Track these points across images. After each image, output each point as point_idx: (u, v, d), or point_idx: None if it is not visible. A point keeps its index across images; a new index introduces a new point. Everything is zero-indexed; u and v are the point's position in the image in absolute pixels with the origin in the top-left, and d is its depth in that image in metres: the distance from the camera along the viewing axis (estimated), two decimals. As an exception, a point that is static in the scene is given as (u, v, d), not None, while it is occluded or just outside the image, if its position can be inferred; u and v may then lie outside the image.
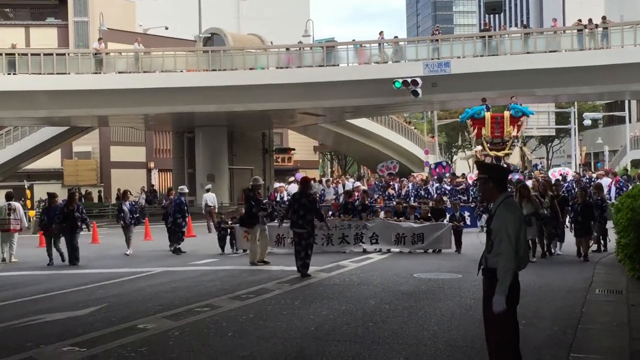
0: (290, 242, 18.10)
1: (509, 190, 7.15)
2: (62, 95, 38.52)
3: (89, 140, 58.03)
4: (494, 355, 6.51)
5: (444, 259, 18.83)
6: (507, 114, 33.64)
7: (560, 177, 31.48)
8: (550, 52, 37.88)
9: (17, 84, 38.06)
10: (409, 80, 36.20)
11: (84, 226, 20.64)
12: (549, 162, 76.35)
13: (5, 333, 10.16)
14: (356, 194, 25.58)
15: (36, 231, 26.63)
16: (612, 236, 17.46)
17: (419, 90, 36.17)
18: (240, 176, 48.84)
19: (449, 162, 36.59)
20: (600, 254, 18.91)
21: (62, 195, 52.12)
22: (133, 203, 24.31)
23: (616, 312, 10.91)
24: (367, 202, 22.78)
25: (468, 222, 25.87)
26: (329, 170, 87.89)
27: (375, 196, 30.17)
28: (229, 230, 21.90)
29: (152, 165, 64.64)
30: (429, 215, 21.08)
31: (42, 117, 42.97)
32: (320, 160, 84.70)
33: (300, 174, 36.86)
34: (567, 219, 19.87)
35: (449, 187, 30.03)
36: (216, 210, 31.79)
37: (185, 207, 22.87)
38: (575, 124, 61.68)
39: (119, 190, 55.75)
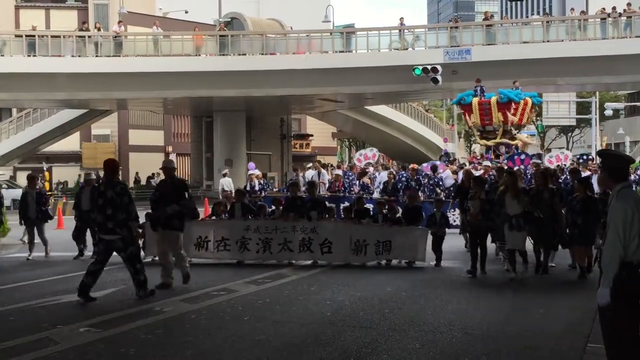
0: (216, 245, 15.31)
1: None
2: (82, 78, 38.60)
3: (108, 124, 58.19)
4: (606, 347, 6.26)
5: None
6: (494, 99, 29.56)
7: (561, 164, 28.44)
8: (573, 40, 37.57)
9: (36, 66, 38.16)
10: (429, 67, 36.04)
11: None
12: (569, 151, 75.78)
13: (22, 313, 10.20)
14: (337, 184, 23.67)
15: (56, 213, 26.59)
16: None
17: (439, 78, 36.01)
18: (258, 161, 48.84)
19: (449, 154, 32.86)
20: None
21: (80, 178, 52.35)
22: (42, 192, 18.42)
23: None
24: (317, 196, 17.89)
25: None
26: (347, 157, 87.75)
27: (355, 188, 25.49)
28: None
29: (170, 149, 64.73)
30: (399, 216, 15.93)
31: (62, 100, 43.12)
32: (339, 147, 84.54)
33: (252, 164, 32.18)
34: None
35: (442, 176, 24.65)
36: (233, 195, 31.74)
37: None
38: (596, 114, 61.16)
39: (136, 173, 56.10)
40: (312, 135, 67.42)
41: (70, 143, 58.05)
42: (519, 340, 8.63)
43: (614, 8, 37.73)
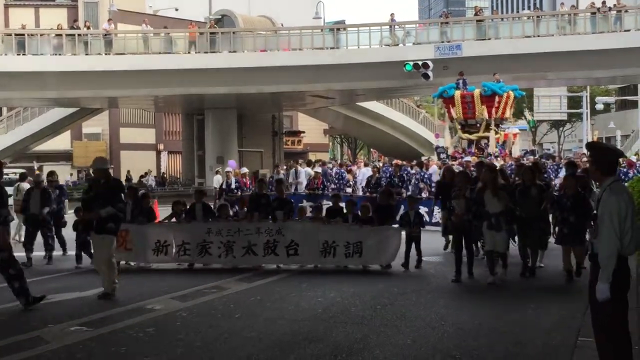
0: (177, 250, 14.33)
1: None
2: (72, 77, 38.47)
3: (99, 122, 58.08)
4: (601, 341, 6.22)
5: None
6: (477, 92, 28.81)
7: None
8: (563, 35, 37.65)
9: (26, 65, 38.03)
10: (420, 63, 36.06)
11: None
12: (561, 146, 75.98)
13: (13, 312, 10.16)
14: (316, 181, 23.14)
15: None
16: None
17: (430, 73, 36.03)
18: (250, 158, 48.80)
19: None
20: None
21: (71, 177, 52.26)
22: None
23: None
24: (285, 195, 16.72)
25: (427, 218, 18.94)
26: (339, 153, 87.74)
27: (332, 186, 25.55)
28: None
29: (161, 147, 64.69)
30: (370, 215, 14.34)
31: (52, 98, 42.97)
32: (331, 144, 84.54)
33: (233, 162, 31.84)
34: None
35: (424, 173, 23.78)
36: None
37: None
38: (587, 108, 61.24)
39: (128, 172, 55.99)
40: (303, 132, 67.44)
41: (61, 142, 57.89)
42: (510, 335, 8.63)
43: (603, 2, 37.83)
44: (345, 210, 14.69)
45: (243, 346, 8.17)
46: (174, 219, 15.20)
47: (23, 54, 38.85)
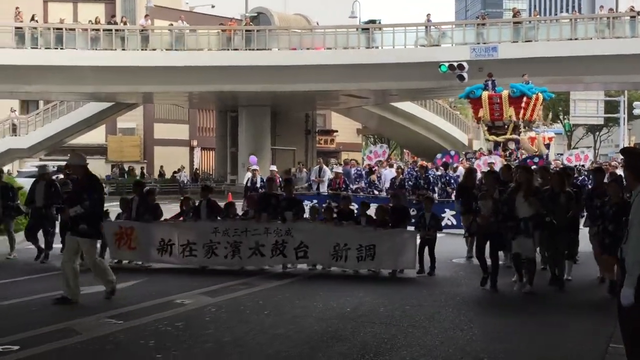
0: (181, 250, 13.80)
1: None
2: (108, 71, 38.81)
3: (133, 117, 58.48)
4: (629, 347, 6.15)
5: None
6: (505, 93, 28.30)
7: (578, 164, 27.44)
8: (602, 38, 37.23)
9: (64, 59, 38.41)
10: (455, 64, 35.91)
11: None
12: (597, 151, 75.22)
13: (45, 303, 10.28)
14: (338, 181, 22.58)
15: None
16: None
17: (465, 75, 35.83)
18: (283, 156, 48.88)
19: (459, 152, 31.67)
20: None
21: (105, 171, 52.91)
22: (9, 186, 16.14)
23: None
24: (295, 194, 16.04)
25: (454, 221, 18.77)
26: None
27: (355, 186, 25.02)
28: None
29: (195, 143, 64.95)
30: (386, 217, 13.60)
31: (88, 93, 43.39)
32: (363, 144, 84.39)
33: (254, 158, 30.93)
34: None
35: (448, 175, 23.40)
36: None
37: None
38: (624, 113, 60.55)
39: (161, 167, 56.45)
40: (336, 131, 67.34)
41: (96, 136, 58.41)
42: (539, 340, 8.56)
43: (643, 6, 37.39)
44: (357, 213, 14.10)
45: (271, 343, 8.20)
46: (181, 218, 14.74)
47: (61, 48, 39.29)
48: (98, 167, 55.01)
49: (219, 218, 14.36)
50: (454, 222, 18.60)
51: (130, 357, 7.77)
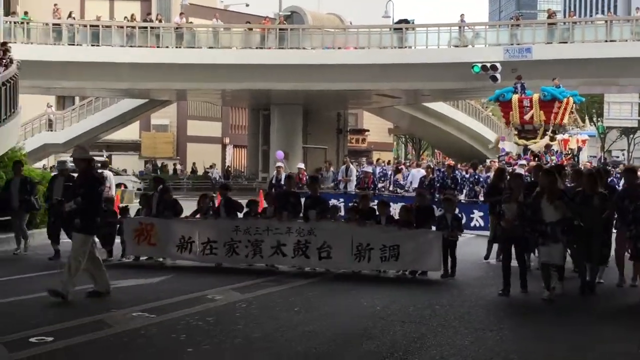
0: (201, 248, 13.62)
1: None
2: (143, 68, 39.17)
3: (167, 114, 58.92)
4: None
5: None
6: (536, 97, 27.58)
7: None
8: (637, 40, 36.83)
9: (100, 56, 38.83)
10: (489, 65, 35.74)
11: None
12: (630, 154, 74.35)
13: (78, 297, 10.41)
14: (367, 180, 22.42)
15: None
16: None
17: (498, 76, 35.64)
18: (314, 155, 48.96)
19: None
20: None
21: (138, 167, 53.34)
22: (28, 179, 16.00)
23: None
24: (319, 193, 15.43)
25: (481, 223, 18.80)
26: (403, 153, 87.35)
27: (380, 185, 25.18)
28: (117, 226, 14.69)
29: (227, 140, 65.30)
30: (411, 217, 13.42)
31: (123, 89, 43.82)
32: (395, 143, 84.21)
33: (280, 153, 30.65)
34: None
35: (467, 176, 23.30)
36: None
37: None
38: (659, 116, 59.87)
39: (193, 164, 56.80)
40: (368, 131, 67.30)
41: (130, 132, 58.94)
42: (569, 343, 8.52)
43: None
44: (377, 212, 13.70)
45: (300, 339, 8.25)
46: (198, 215, 14.61)
47: (97, 45, 39.72)
48: (131, 163, 55.67)
49: (240, 215, 14.25)
50: (482, 224, 18.45)
51: (161, 351, 7.85)
